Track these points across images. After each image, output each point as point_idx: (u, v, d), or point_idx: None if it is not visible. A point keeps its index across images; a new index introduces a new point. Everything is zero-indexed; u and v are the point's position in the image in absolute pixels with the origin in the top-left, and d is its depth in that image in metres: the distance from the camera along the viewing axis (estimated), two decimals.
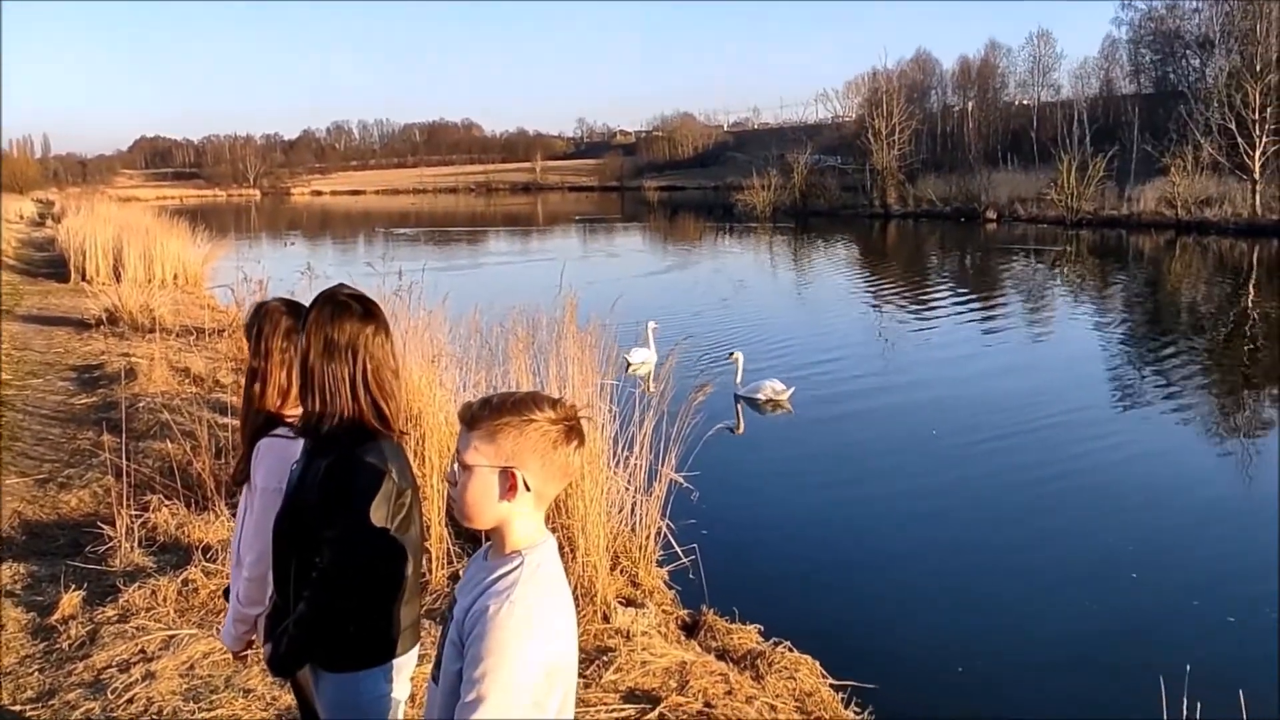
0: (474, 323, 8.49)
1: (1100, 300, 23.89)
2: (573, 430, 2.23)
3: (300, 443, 2.99)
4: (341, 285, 3.01)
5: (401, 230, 52.71)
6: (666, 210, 69.66)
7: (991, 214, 49.42)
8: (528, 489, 2.20)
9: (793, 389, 13.06)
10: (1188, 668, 4.73)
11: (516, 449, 2.18)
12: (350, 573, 2.78)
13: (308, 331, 2.89)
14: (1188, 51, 49.72)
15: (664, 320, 15.88)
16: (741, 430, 11.96)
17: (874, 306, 23.21)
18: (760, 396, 13.02)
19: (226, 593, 3.40)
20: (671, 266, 32.81)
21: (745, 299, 23.53)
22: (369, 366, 2.89)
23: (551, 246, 41.64)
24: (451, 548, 6.34)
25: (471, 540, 6.49)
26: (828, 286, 27.32)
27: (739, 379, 13.38)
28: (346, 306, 2.94)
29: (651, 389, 6.98)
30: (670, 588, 6.65)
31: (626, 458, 6.76)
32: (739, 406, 13.02)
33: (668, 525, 6.65)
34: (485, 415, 2.21)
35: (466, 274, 28.16)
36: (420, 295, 8.83)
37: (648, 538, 6.61)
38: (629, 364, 13.17)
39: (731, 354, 13.68)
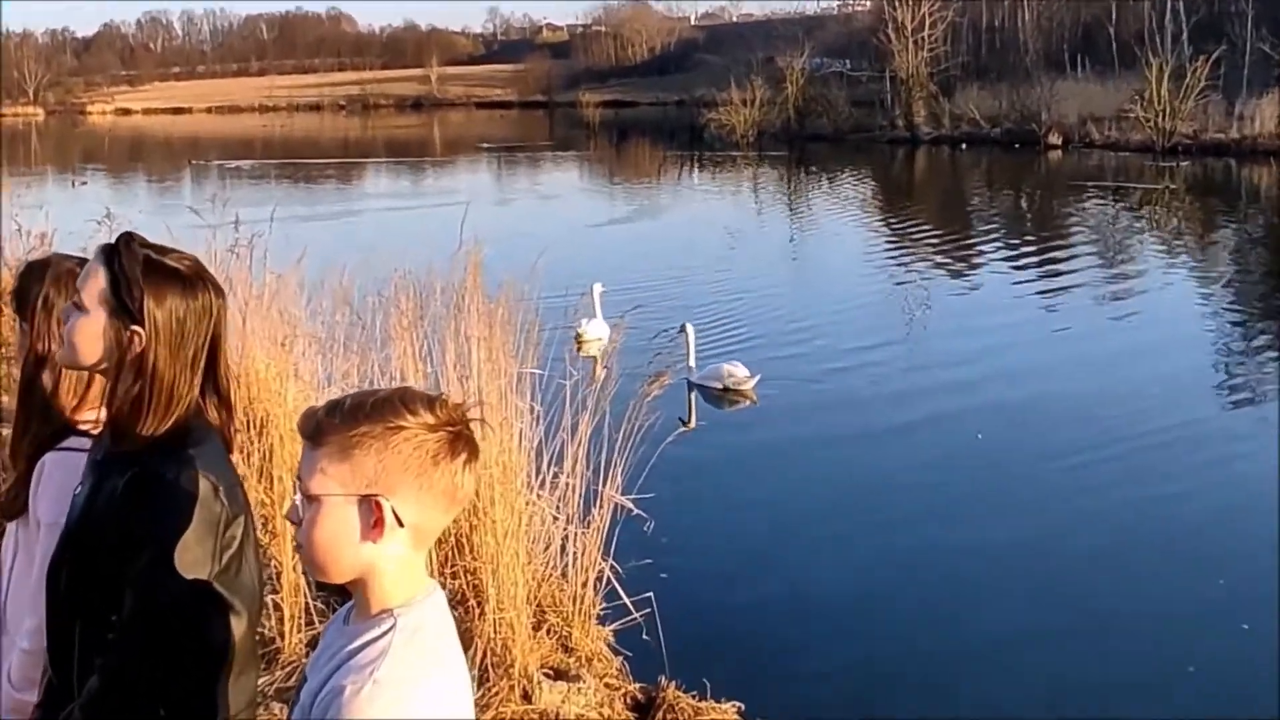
0: (342, 291, 8.47)
1: (1205, 258, 24.38)
2: (460, 439, 2.20)
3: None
4: (130, 235, 2.96)
5: (242, 163, 52.24)
6: (612, 134, 69.88)
7: (1055, 138, 50.08)
8: (400, 524, 2.17)
9: (758, 376, 13.39)
10: None
11: (381, 469, 2.15)
12: (160, 632, 2.75)
13: (120, 296, 2.87)
14: None
15: (608, 287, 15.91)
16: (691, 425, 12.05)
17: (894, 266, 23.49)
18: (715, 385, 13.37)
19: None
20: (618, 213, 32.91)
21: (718, 257, 23.67)
22: (205, 343, 2.91)
23: (452, 186, 41.57)
24: (312, 604, 6.30)
25: (341, 594, 6.46)
26: (831, 238, 27.60)
27: (692, 361, 13.67)
28: (161, 260, 2.93)
29: (600, 369, 7.02)
30: (616, 653, 6.66)
31: (555, 476, 6.77)
32: (691, 397, 13.25)
33: (612, 568, 6.66)
34: (335, 424, 2.17)
35: (333, 224, 28.04)
36: (266, 254, 8.79)
37: (585, 585, 6.62)
38: (578, 339, 13.38)
39: (681, 327, 13.93)
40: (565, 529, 6.71)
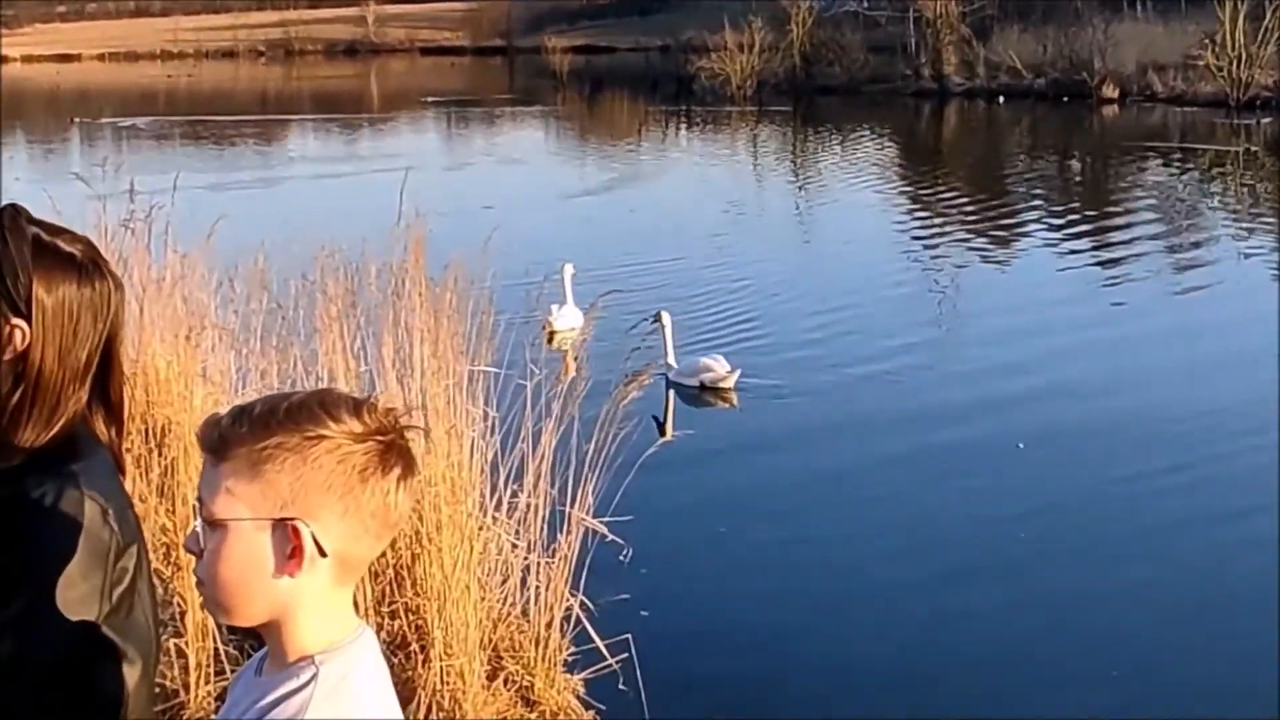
0: (259, 274, 8.49)
1: None
2: (392, 450, 2.19)
3: None
4: (15, 208, 2.94)
5: (140, 121, 52.08)
6: (583, 86, 69.64)
7: (1111, 90, 50.19)
8: (321, 553, 2.16)
9: (737, 370, 13.68)
10: None
11: (298, 487, 2.14)
12: (40, 684, 2.75)
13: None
14: None
15: (579, 269, 15.99)
16: (669, 434, 12.07)
17: (919, 243, 23.57)
18: (692, 382, 13.73)
19: None
20: (591, 182, 32.90)
21: (710, 233, 23.75)
22: (100, 343, 2.91)
23: (392, 148, 41.44)
24: (222, 649, 6.29)
25: (255, 638, 6.45)
26: (845, 211, 27.63)
27: (670, 355, 13.92)
28: (53, 242, 2.92)
29: (570, 367, 7.03)
30: (588, 706, 6.69)
31: (514, 495, 6.79)
32: (670, 398, 13.42)
33: (582, 604, 6.68)
34: (242, 434, 2.16)
35: (249, 194, 28.07)
36: (168, 229, 8.78)
37: (549, 625, 6.64)
38: (547, 330, 13.45)
39: (655, 316, 14.14)
40: (526, 558, 6.73)
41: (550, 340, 13.24)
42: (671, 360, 13.91)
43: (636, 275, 18.80)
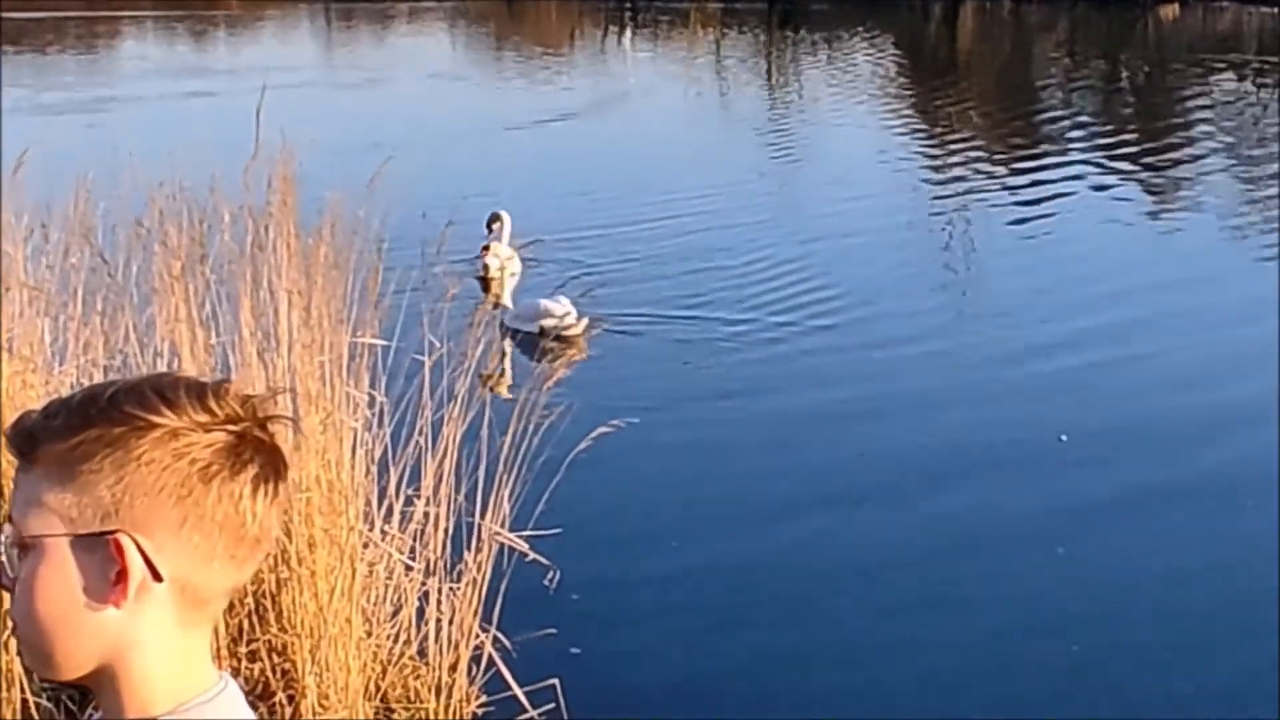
0: (81, 220, 8.43)
1: None
2: (246, 445, 2.15)
3: None
4: None
5: None
6: None
7: None
8: (156, 577, 2.12)
9: (585, 318, 14.12)
10: None
11: (121, 491, 2.10)
12: None
13: None
14: None
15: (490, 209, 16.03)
16: (500, 385, 12.02)
17: (928, 177, 23.81)
18: (531, 328, 14.07)
19: None
20: (512, 103, 32.93)
21: (664, 167, 23.85)
22: None
23: (252, 59, 41.36)
24: (32, 701, 6.26)
25: (81, 690, 6.44)
26: (832, 139, 27.80)
27: (506, 295, 14.32)
28: None
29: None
30: None
31: (408, 503, 6.82)
32: (505, 345, 13.65)
33: (496, 641, 6.71)
34: (54, 428, 2.13)
35: (69, 118, 28.02)
36: None
37: (454, 669, 6.68)
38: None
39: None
40: (424, 583, 6.75)
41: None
42: (507, 300, 14.23)
43: (566, 221, 18.96)
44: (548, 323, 14.16)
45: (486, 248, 15.40)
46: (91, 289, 8.07)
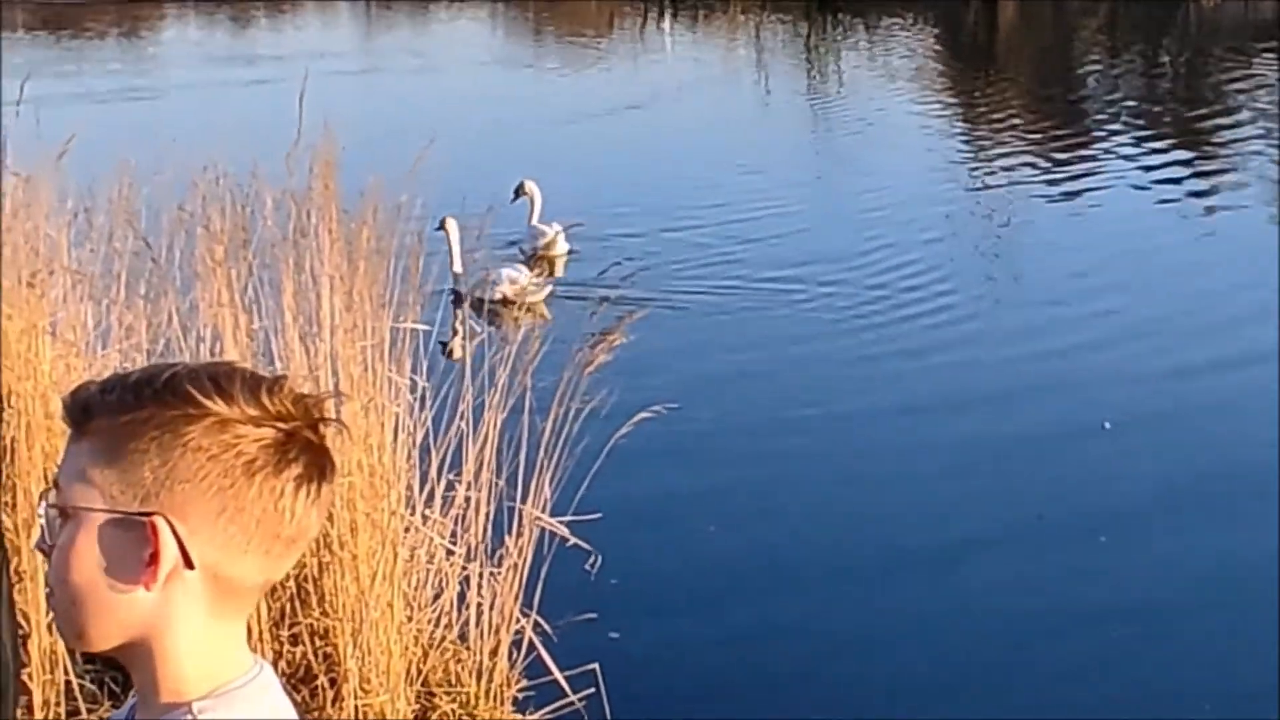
0: (124, 204, 8.41)
1: None
2: (294, 443, 2.14)
3: None
4: None
5: None
6: None
7: None
8: (188, 563, 2.12)
9: (548, 286, 14.29)
10: None
11: (164, 476, 2.10)
12: None
13: None
14: None
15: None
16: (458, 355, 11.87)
17: (967, 165, 23.74)
18: (493, 295, 14.10)
19: None
20: (549, 88, 32.89)
21: (704, 154, 23.77)
22: None
23: (294, 45, 41.38)
24: (75, 683, 6.27)
25: (118, 670, 6.44)
26: (871, 125, 27.68)
27: (456, 263, 14.05)
28: None
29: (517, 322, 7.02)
30: None
31: (450, 488, 6.81)
32: (460, 314, 13.03)
33: (537, 625, 6.68)
34: (109, 404, 2.13)
35: (111, 105, 27.98)
36: (8, 147, 8.68)
37: (495, 653, 6.67)
38: (545, 250, 14.37)
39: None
40: (465, 568, 6.74)
41: (538, 266, 13.40)
42: (459, 268, 14.16)
43: (608, 206, 18.92)
44: (510, 290, 14.25)
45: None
46: (135, 273, 8.08)
